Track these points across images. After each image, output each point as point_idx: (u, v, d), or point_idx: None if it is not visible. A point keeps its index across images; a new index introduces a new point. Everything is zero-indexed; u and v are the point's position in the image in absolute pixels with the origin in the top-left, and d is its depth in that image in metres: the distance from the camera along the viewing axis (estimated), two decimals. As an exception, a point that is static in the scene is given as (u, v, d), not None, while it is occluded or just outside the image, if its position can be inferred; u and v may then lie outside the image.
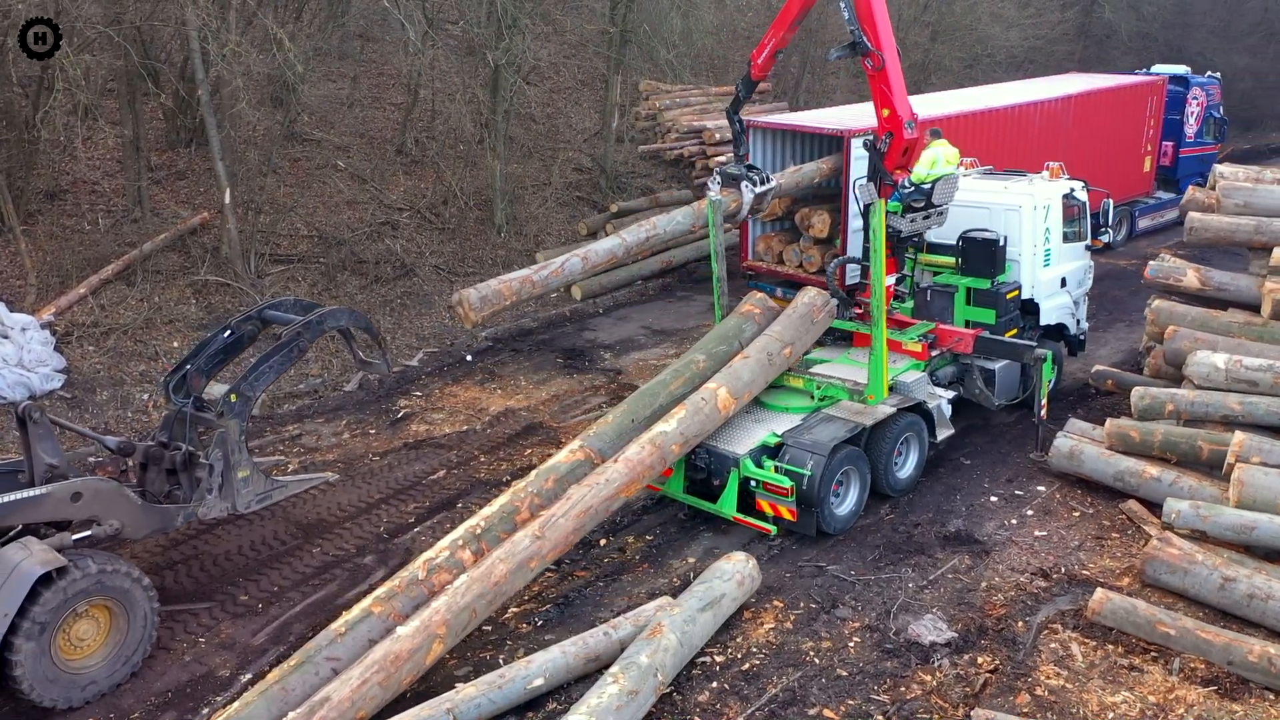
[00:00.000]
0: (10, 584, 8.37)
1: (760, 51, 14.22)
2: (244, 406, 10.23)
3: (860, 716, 8.55)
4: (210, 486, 10.15)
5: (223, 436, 10.15)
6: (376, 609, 8.99)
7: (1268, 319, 12.47)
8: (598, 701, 8.00)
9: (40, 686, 8.65)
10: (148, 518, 9.81)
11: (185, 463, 10.22)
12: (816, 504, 10.98)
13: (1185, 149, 24.65)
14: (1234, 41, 35.52)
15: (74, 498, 9.19)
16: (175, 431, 10.43)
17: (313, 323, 10.57)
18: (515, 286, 12.80)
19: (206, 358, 10.77)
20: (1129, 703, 8.60)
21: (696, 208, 14.67)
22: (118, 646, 9.16)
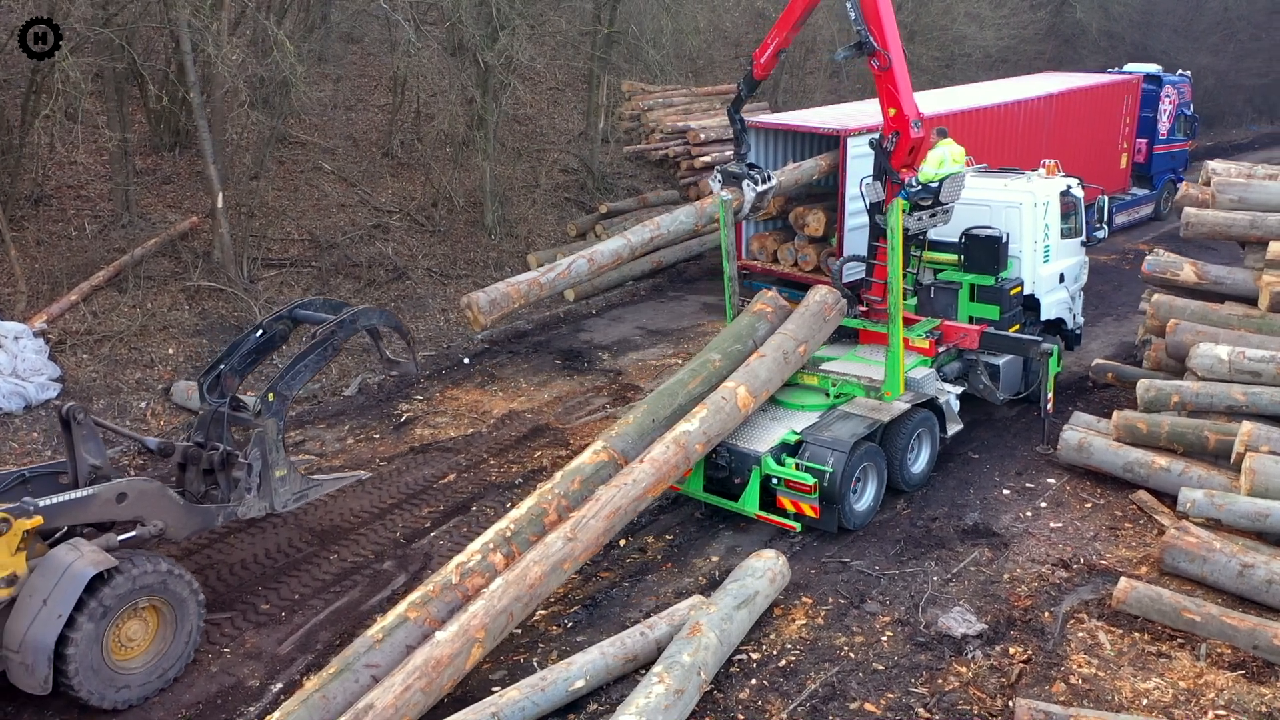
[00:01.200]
0: (63, 584, 8.41)
1: (763, 50, 14.29)
2: (281, 406, 10.27)
3: (901, 709, 8.64)
4: (249, 486, 10.17)
5: (260, 436, 10.16)
6: (412, 614, 8.92)
7: (1266, 311, 12.76)
8: (645, 701, 8.02)
9: (92, 685, 8.66)
10: (190, 518, 9.84)
11: (223, 462, 10.24)
12: (838, 500, 11.07)
13: (1159, 146, 25.16)
14: (1196, 40, 36.33)
15: (119, 498, 9.22)
16: (211, 432, 10.45)
17: (346, 321, 10.63)
18: (523, 289, 12.75)
19: (239, 357, 10.74)
20: (1161, 689, 8.77)
21: (699, 207, 14.70)
22: (166, 646, 9.21)
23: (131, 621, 8.97)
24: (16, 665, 8.43)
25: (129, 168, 17.16)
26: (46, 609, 8.37)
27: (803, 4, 13.82)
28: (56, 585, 8.41)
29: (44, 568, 8.57)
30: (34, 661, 8.34)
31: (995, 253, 13.55)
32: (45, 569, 8.55)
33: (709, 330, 18.86)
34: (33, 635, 8.35)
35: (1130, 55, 34.28)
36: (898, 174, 13.01)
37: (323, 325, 10.52)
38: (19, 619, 8.43)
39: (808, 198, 17.72)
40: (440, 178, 20.72)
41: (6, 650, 8.47)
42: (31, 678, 8.39)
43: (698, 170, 24.14)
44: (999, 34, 27.92)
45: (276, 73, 15.32)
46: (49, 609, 8.37)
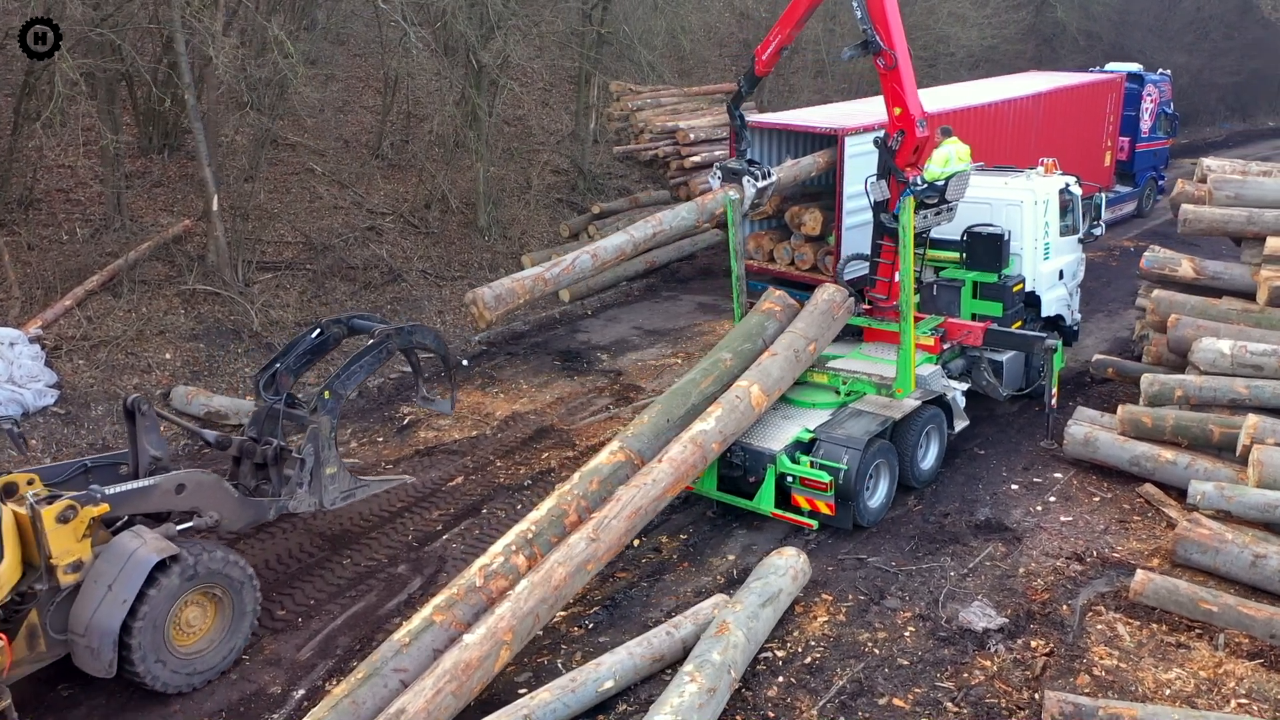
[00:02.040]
0: (128, 570, 8.62)
1: (765, 47, 14.29)
2: (335, 404, 10.50)
3: (929, 704, 8.70)
4: (300, 481, 10.38)
5: (314, 432, 10.38)
6: (438, 618, 8.87)
7: (1264, 306, 12.96)
8: (679, 700, 8.02)
9: (154, 670, 8.87)
10: (244, 510, 10.05)
11: (276, 457, 10.43)
12: (853, 497, 11.14)
13: (1141, 144, 25.50)
14: (1170, 40, 36.85)
15: (178, 489, 9.44)
16: (264, 427, 10.66)
17: (404, 330, 11.00)
18: (528, 285, 12.68)
19: (295, 357, 11.02)
20: (1182, 679, 8.89)
21: (700, 203, 14.69)
22: (223, 632, 9.41)
23: (191, 608, 9.18)
24: (82, 649, 8.61)
25: (120, 170, 16.93)
26: (112, 594, 8.57)
27: (806, 2, 13.85)
28: (121, 571, 8.62)
29: (108, 554, 8.75)
30: (99, 645, 8.54)
31: (998, 250, 13.68)
32: (109, 555, 8.74)
33: (706, 330, 18.91)
34: (98, 620, 8.54)
35: (1107, 54, 34.71)
36: (902, 173, 13.08)
37: (380, 329, 10.84)
38: (85, 604, 8.61)
39: (803, 197, 17.78)
40: (434, 179, 20.61)
41: (73, 634, 8.64)
42: (97, 661, 8.58)
43: (687, 170, 24.15)
44: (982, 33, 28.19)
45: (274, 73, 15.16)
46: (114, 594, 8.57)
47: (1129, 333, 17.78)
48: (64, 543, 8.50)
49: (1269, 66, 40.71)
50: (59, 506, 8.44)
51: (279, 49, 13.78)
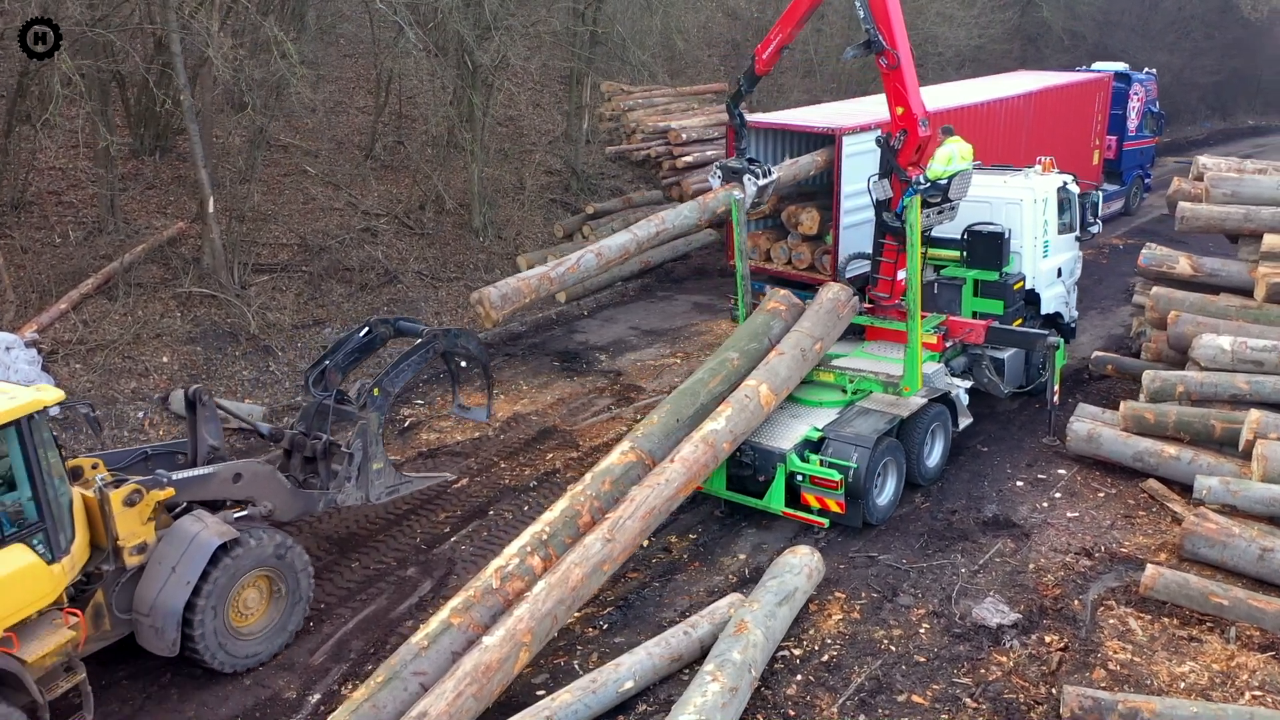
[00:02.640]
0: (191, 553, 8.90)
1: (766, 46, 14.29)
2: (384, 401, 10.78)
3: (948, 700, 8.74)
4: (349, 475, 10.61)
5: (363, 428, 10.63)
6: (455, 620, 8.83)
7: (1262, 302, 13.11)
8: (702, 700, 8.02)
9: (215, 649, 9.14)
10: (295, 501, 10.31)
11: (324, 452, 10.65)
12: (863, 496, 11.18)
13: (1128, 143, 25.72)
14: (1152, 39, 37.19)
15: (235, 478, 9.74)
16: (314, 423, 10.91)
17: (450, 333, 11.30)
18: (534, 284, 12.64)
19: (344, 354, 11.21)
20: (1196, 672, 8.98)
21: (702, 202, 14.70)
22: (279, 614, 9.69)
23: (249, 590, 9.43)
24: (147, 628, 8.89)
25: (113, 172, 16.77)
26: (175, 576, 8.84)
27: (808, 2, 13.87)
28: (184, 554, 8.90)
29: (171, 537, 9.03)
30: (164, 625, 8.82)
31: (998, 248, 13.77)
32: (172, 538, 9.02)
33: (703, 330, 18.93)
34: (163, 600, 8.81)
35: (1090, 54, 34.99)
36: (905, 172, 13.13)
37: (427, 331, 11.18)
38: (149, 585, 8.88)
39: (800, 196, 17.81)
40: (428, 180, 20.53)
41: (137, 613, 8.92)
42: (161, 640, 8.86)
43: (680, 170, 24.22)
44: (970, 33, 28.35)
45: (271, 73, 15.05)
46: (178, 576, 8.84)
47: (1123, 330, 17.96)
48: (130, 525, 8.78)
49: (1248, 66, 41.19)
50: (126, 490, 8.69)
51: (278, 49, 13.67)
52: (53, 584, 8.29)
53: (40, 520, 8.17)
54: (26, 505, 8.17)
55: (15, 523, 8.10)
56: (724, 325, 18.99)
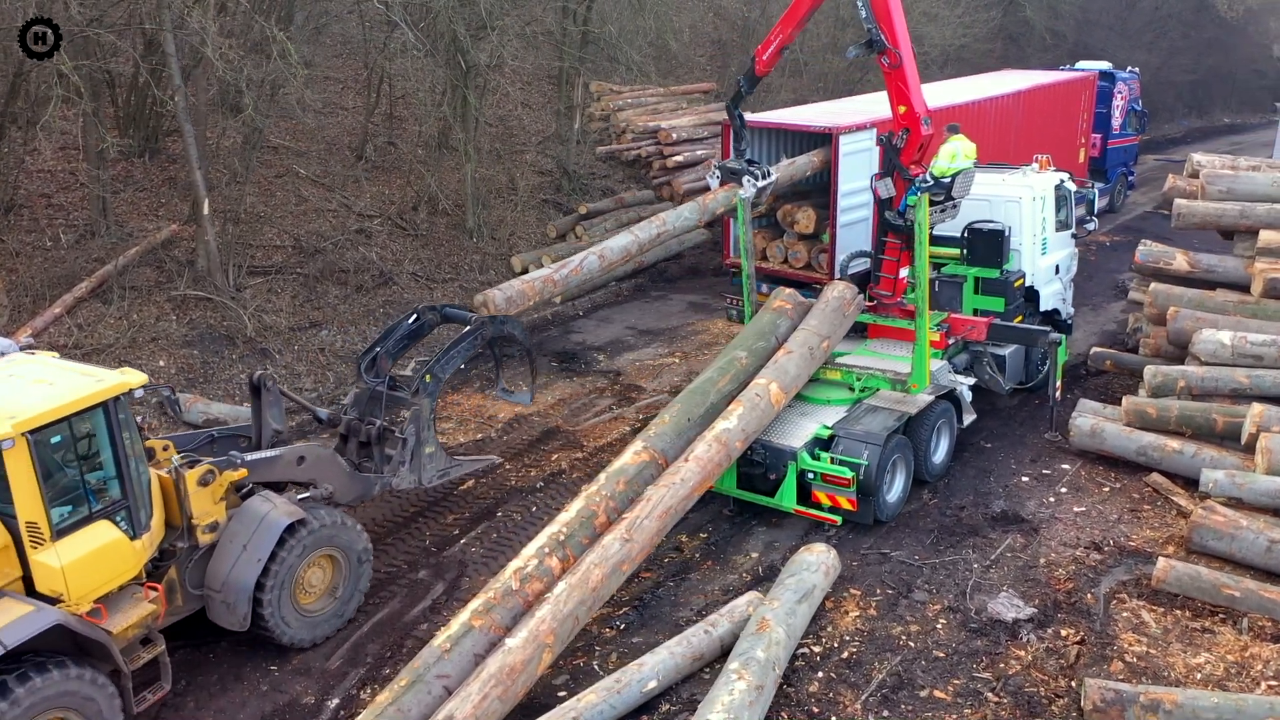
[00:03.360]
0: (261, 531, 9.21)
1: (766, 47, 14.30)
2: (435, 387, 11.01)
3: (970, 695, 8.80)
4: (403, 459, 10.88)
5: (416, 414, 10.86)
6: (477, 622, 8.81)
7: (1259, 297, 13.28)
8: (729, 699, 8.03)
9: (282, 625, 9.45)
10: (353, 485, 10.62)
11: (378, 436, 10.92)
12: (874, 493, 11.23)
13: (1112, 141, 25.98)
14: (1131, 38, 37.59)
15: (299, 461, 10.10)
16: (366, 408, 11.15)
17: (496, 320, 11.35)
18: (538, 286, 12.62)
19: (394, 342, 11.39)
20: (1211, 663, 9.09)
21: (702, 203, 14.70)
22: (339, 592, 9.95)
23: (313, 569, 9.69)
24: (218, 604, 9.20)
25: (105, 175, 16.57)
26: (246, 553, 9.14)
27: (808, 2, 13.90)
28: (255, 532, 9.20)
29: (241, 516, 9.34)
30: (235, 600, 9.12)
31: (999, 246, 13.86)
32: (242, 517, 9.33)
33: (700, 329, 18.95)
34: (235, 577, 9.11)
35: (1071, 53, 35.31)
36: (908, 170, 13.20)
37: (474, 318, 11.26)
38: (220, 562, 9.18)
39: (796, 195, 17.86)
40: (421, 181, 20.43)
41: (209, 589, 9.22)
42: (232, 615, 9.17)
43: (670, 170, 24.23)
44: (955, 32, 28.55)
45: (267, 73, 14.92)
46: (249, 553, 9.14)
47: (1116, 326, 18.15)
48: (203, 504, 9.12)
49: (1224, 64, 41.71)
50: (200, 470, 9.05)
51: (278, 48, 13.55)
52: (134, 559, 8.62)
53: (123, 498, 8.52)
54: (110, 484, 8.50)
55: (100, 500, 8.41)
56: (720, 324, 19.02)
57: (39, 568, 8.03)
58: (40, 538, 8.00)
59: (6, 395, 8.07)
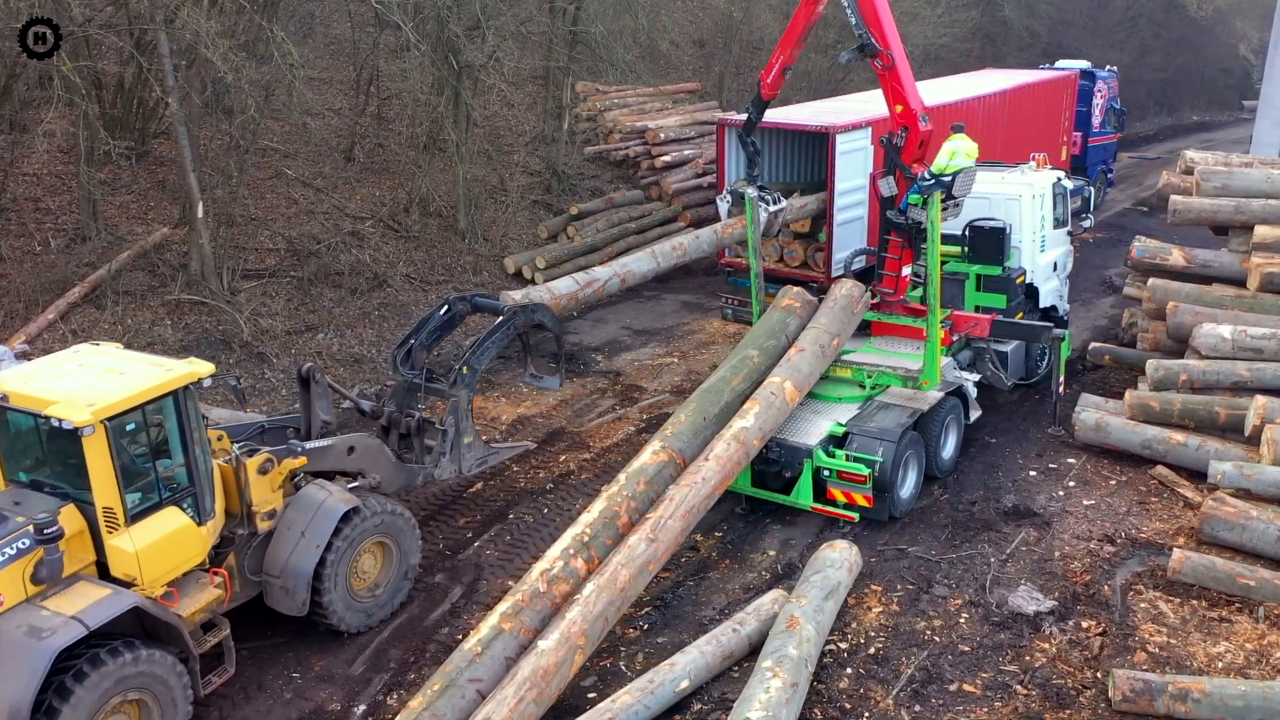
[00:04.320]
0: (319, 518, 9.40)
1: (769, 71, 14.31)
2: (472, 378, 11.20)
3: (999, 688, 8.88)
4: (443, 450, 11.12)
5: (455, 405, 11.09)
6: (506, 625, 8.77)
7: (1256, 291, 13.51)
8: (766, 697, 8.04)
9: (339, 610, 9.63)
10: (398, 475, 10.85)
11: (418, 428, 11.19)
12: (889, 489, 11.30)
13: (1093, 139, 26.32)
14: (1103, 37, 38.10)
15: (349, 451, 10.29)
16: (403, 400, 11.36)
17: (527, 307, 11.63)
18: (563, 303, 13.08)
19: (427, 333, 11.56)
20: (1232, 651, 9.23)
21: (718, 231, 14.87)
22: (390, 578, 10.16)
23: (365, 555, 9.89)
24: (277, 589, 9.39)
25: (94, 178, 16.31)
26: (305, 540, 9.31)
27: (804, 21, 13.92)
28: (313, 519, 9.38)
29: (297, 504, 9.53)
30: (295, 586, 9.30)
31: (1000, 244, 13.97)
32: (299, 505, 9.52)
33: (695, 329, 18.98)
34: (293, 563, 9.29)
35: (1046, 52, 35.75)
36: (909, 168, 13.28)
37: (507, 308, 11.48)
38: (279, 548, 9.36)
39: (790, 194, 17.95)
40: (413, 182, 20.29)
41: (267, 575, 9.41)
42: (291, 600, 9.36)
43: (658, 170, 24.23)
44: (936, 31, 28.80)
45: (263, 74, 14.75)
46: (307, 540, 9.31)
47: (1107, 321, 18.40)
48: (262, 492, 9.29)
49: (1193, 63, 42.38)
50: (259, 459, 9.21)
51: (278, 49, 13.40)
52: (201, 545, 8.85)
53: (190, 485, 8.73)
54: (178, 471, 8.71)
55: (169, 487, 8.62)
56: (715, 324, 19.07)
57: (114, 552, 8.20)
58: (115, 522, 8.18)
59: (81, 385, 8.24)
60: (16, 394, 8.18)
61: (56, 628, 7.50)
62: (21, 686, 7.24)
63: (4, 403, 8.19)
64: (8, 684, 7.29)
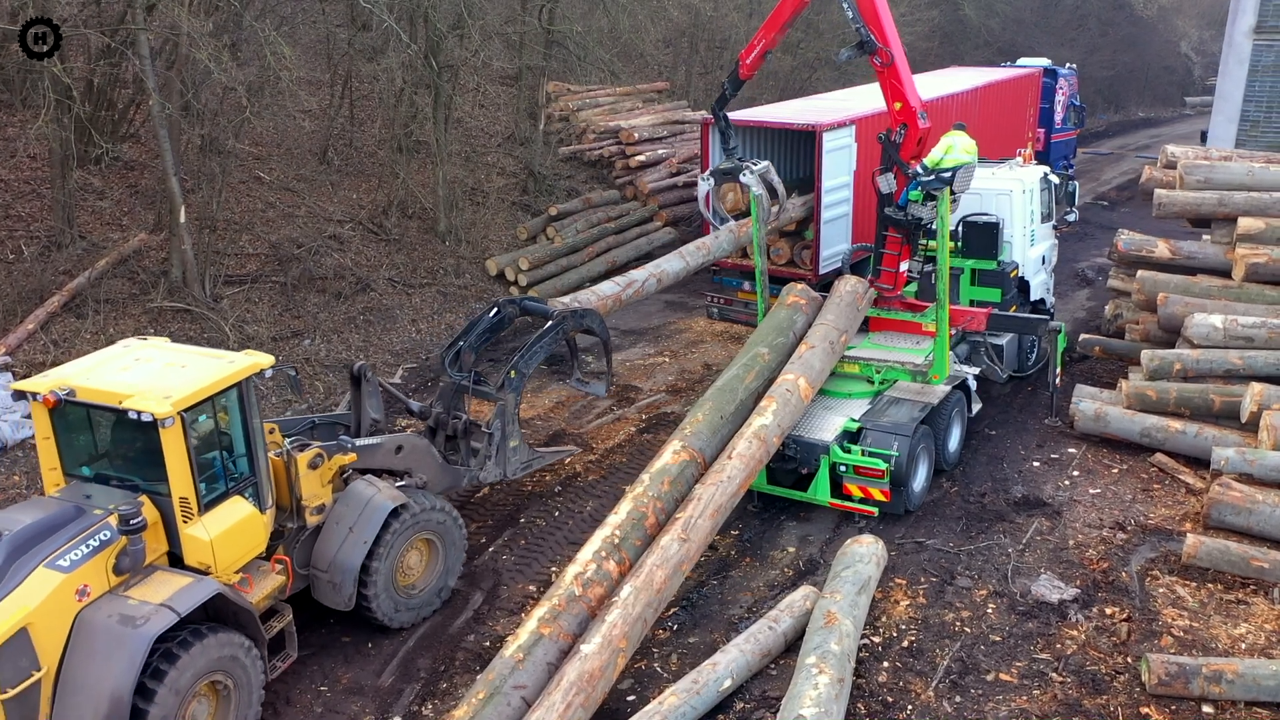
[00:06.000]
0: (367, 514, 9.49)
1: (749, 52, 14.38)
2: (520, 382, 11.32)
3: (1034, 676, 8.99)
4: (489, 453, 11.21)
5: (502, 408, 11.21)
6: (545, 630, 8.67)
7: (1241, 281, 13.87)
8: (816, 693, 8.05)
9: (385, 606, 9.70)
10: (444, 475, 10.91)
11: (465, 430, 11.23)
12: (905, 483, 11.40)
13: (1055, 135, 26.83)
14: (1055, 35, 38.91)
15: (397, 450, 10.36)
16: (451, 402, 11.38)
17: (576, 312, 11.78)
18: (609, 304, 13.43)
19: (476, 336, 11.53)
20: (1253, 633, 9.46)
21: (735, 231, 15.02)
22: (434, 575, 10.23)
23: (411, 552, 9.98)
24: (324, 584, 9.47)
25: (70, 184, 15.82)
26: (353, 535, 9.40)
27: (791, 6, 14.03)
28: (361, 515, 9.47)
29: (345, 499, 9.61)
30: (342, 580, 9.38)
31: (994, 238, 14.19)
32: (348, 500, 9.60)
33: (682, 328, 18.97)
34: (341, 558, 9.38)
35: (1002, 50, 36.39)
36: (908, 165, 13.41)
37: (556, 312, 11.58)
38: (327, 543, 9.44)
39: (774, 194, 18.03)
40: (391, 184, 19.99)
41: (315, 569, 9.48)
42: (338, 595, 9.45)
43: (633, 170, 24.22)
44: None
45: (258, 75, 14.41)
46: (355, 535, 9.40)
47: (1085, 313, 18.78)
48: (312, 486, 9.37)
49: (1138, 60, 43.46)
50: (310, 454, 9.29)
51: (270, 49, 13.09)
52: (264, 533, 8.97)
53: (251, 474, 8.86)
54: (240, 461, 8.83)
55: (233, 478, 8.73)
56: (701, 323, 19.10)
57: (190, 541, 8.34)
58: (190, 512, 8.31)
59: (148, 377, 8.32)
60: (85, 388, 8.16)
61: (149, 615, 7.68)
62: (121, 673, 7.46)
63: (70, 397, 8.12)
64: (107, 672, 7.49)
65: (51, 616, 7.56)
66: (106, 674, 7.48)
